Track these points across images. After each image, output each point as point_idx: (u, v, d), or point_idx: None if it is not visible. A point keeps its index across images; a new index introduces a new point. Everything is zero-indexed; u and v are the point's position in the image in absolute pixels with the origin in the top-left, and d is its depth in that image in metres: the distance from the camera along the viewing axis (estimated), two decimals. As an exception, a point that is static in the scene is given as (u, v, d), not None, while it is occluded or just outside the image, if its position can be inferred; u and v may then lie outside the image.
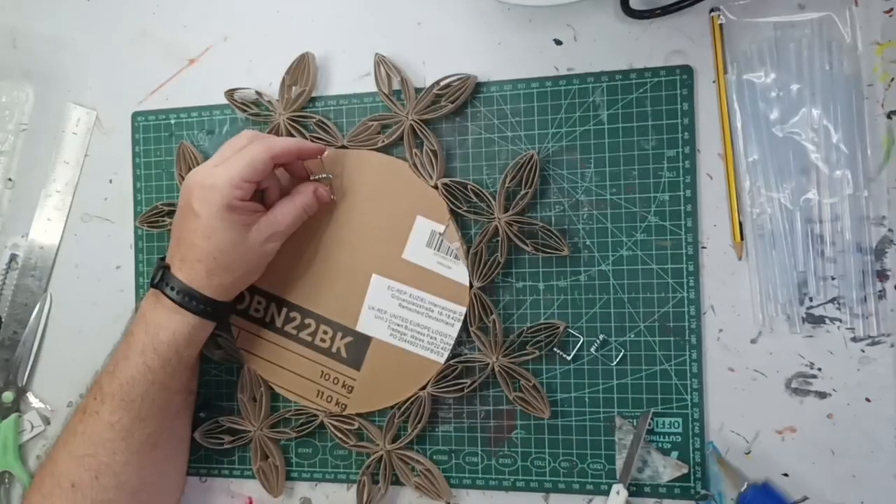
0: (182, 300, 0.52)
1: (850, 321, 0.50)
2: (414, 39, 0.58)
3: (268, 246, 0.54)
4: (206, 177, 0.52)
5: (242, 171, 0.51)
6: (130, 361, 0.53)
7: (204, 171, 0.52)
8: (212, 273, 0.52)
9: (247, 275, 0.54)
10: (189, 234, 0.52)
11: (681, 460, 0.53)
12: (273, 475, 0.59)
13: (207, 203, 0.51)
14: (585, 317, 0.55)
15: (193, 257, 0.52)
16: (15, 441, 0.65)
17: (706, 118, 0.53)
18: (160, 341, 0.52)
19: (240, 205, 0.51)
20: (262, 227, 0.53)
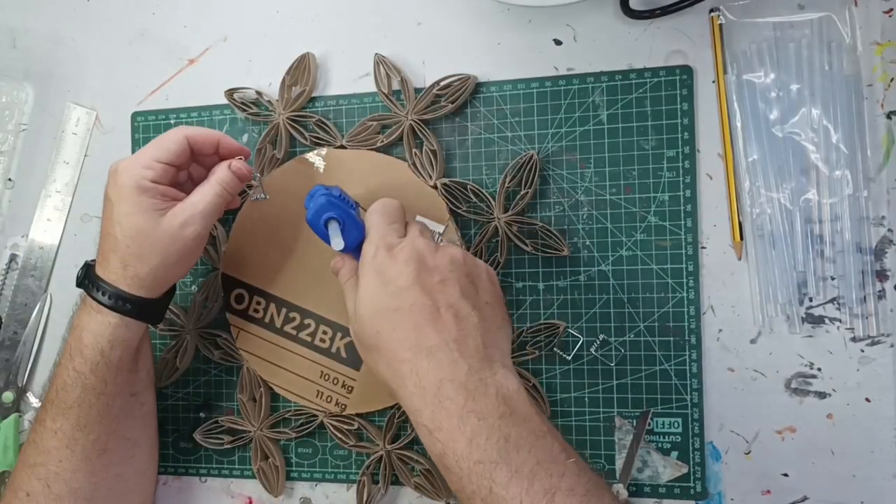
0: (101, 298, 0.51)
1: (849, 321, 0.50)
2: (414, 39, 0.58)
3: (186, 231, 0.50)
4: (120, 162, 0.51)
5: (153, 151, 0.50)
6: (62, 367, 0.52)
7: (119, 161, 0.51)
8: (127, 264, 0.50)
9: (165, 266, 0.51)
10: (105, 223, 0.51)
11: (680, 460, 0.53)
12: (273, 475, 0.59)
13: (119, 187, 0.50)
14: (585, 317, 0.55)
15: (108, 248, 0.51)
16: (15, 441, 0.65)
17: (706, 118, 0.53)
18: (84, 344, 0.51)
19: (150, 186, 0.50)
20: (177, 212, 0.50)
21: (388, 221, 0.48)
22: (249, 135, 0.61)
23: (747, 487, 0.52)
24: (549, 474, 0.39)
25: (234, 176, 0.52)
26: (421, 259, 0.45)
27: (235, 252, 0.60)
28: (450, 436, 0.40)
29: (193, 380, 0.62)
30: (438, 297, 0.44)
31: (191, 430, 0.61)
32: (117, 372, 0.53)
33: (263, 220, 0.59)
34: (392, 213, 0.49)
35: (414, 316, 0.43)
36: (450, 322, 0.43)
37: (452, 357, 0.42)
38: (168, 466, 0.63)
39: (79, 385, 0.52)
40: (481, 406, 0.41)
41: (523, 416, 0.41)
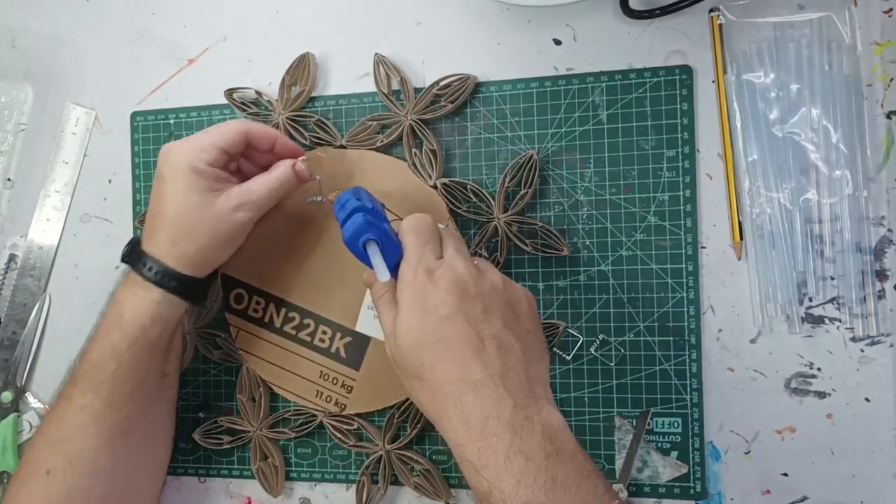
0: (147, 273, 0.51)
1: (849, 321, 0.50)
2: (413, 39, 0.58)
3: (237, 215, 0.51)
4: (178, 143, 0.51)
5: (212, 137, 0.51)
6: (98, 342, 0.52)
7: (173, 143, 0.52)
8: (175, 241, 0.50)
9: (213, 247, 0.51)
10: (156, 200, 0.51)
11: (680, 460, 0.53)
12: (272, 475, 0.59)
13: (174, 166, 0.50)
14: (585, 317, 0.55)
15: (158, 224, 0.51)
16: (14, 441, 0.65)
17: (706, 118, 0.53)
18: (124, 319, 0.51)
19: (206, 168, 0.50)
20: (232, 195, 0.51)
21: (424, 242, 0.46)
22: (249, 135, 0.61)
23: (747, 487, 0.52)
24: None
25: (295, 176, 0.53)
26: (463, 286, 0.43)
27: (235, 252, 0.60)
28: (497, 475, 0.40)
29: (193, 380, 0.62)
30: (482, 327, 0.42)
31: (190, 430, 0.61)
32: (153, 350, 0.53)
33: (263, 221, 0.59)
34: (426, 232, 0.47)
35: (458, 348, 0.42)
36: (494, 355, 0.42)
37: (498, 393, 0.41)
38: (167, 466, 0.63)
39: (114, 360, 0.51)
40: (528, 445, 0.40)
41: (569, 455, 0.40)
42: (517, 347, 0.43)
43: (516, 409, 0.41)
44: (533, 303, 0.46)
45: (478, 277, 0.44)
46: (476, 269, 0.45)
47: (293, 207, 0.58)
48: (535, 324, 0.46)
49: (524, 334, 0.44)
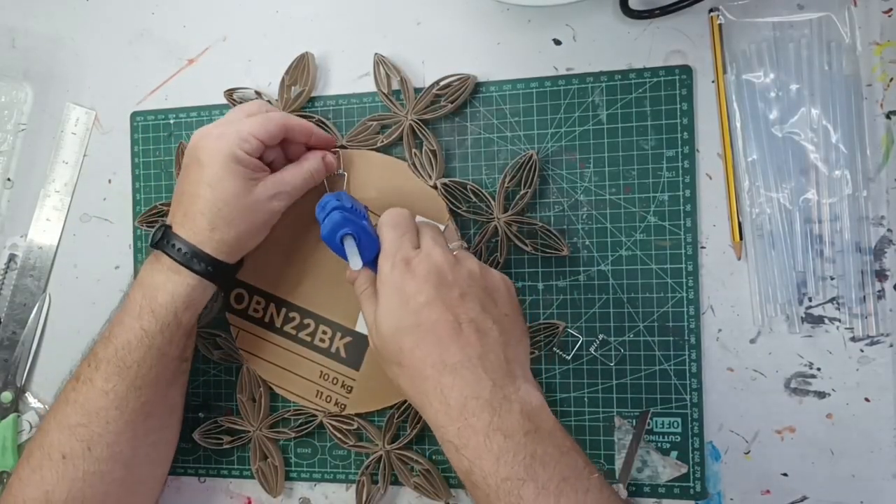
0: (183, 258, 0.51)
1: (849, 321, 0.51)
2: (413, 39, 0.58)
3: (273, 203, 0.52)
4: (215, 129, 0.52)
5: (253, 127, 0.51)
6: (126, 325, 0.52)
7: (211, 128, 0.52)
8: (214, 226, 0.51)
9: (249, 233, 0.52)
10: (193, 185, 0.51)
11: (680, 460, 0.53)
12: (272, 475, 0.59)
13: (213, 152, 0.50)
14: (585, 317, 0.55)
15: (196, 209, 0.51)
16: (14, 441, 0.65)
17: (705, 118, 0.53)
18: (158, 303, 0.51)
19: (246, 158, 0.51)
20: (268, 184, 0.52)
21: (401, 233, 0.48)
22: (249, 135, 0.61)
23: (747, 487, 0.52)
24: (574, 490, 0.40)
25: (325, 168, 0.55)
26: (440, 273, 0.45)
27: (235, 252, 0.60)
28: (476, 453, 0.41)
29: (193, 380, 0.62)
30: (459, 312, 0.44)
31: (190, 429, 0.61)
32: (184, 334, 0.53)
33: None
34: (403, 223, 0.48)
35: (436, 332, 0.43)
36: (472, 338, 0.43)
37: (476, 374, 0.42)
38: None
39: (144, 345, 0.51)
40: (506, 423, 0.41)
41: (548, 431, 0.42)
42: (495, 330, 0.44)
43: (495, 389, 0.42)
44: (511, 288, 0.47)
45: (455, 265, 0.46)
46: (453, 257, 0.46)
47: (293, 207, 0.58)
48: (513, 308, 0.47)
49: (501, 318, 0.45)
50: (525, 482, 0.40)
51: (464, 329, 0.43)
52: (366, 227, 0.49)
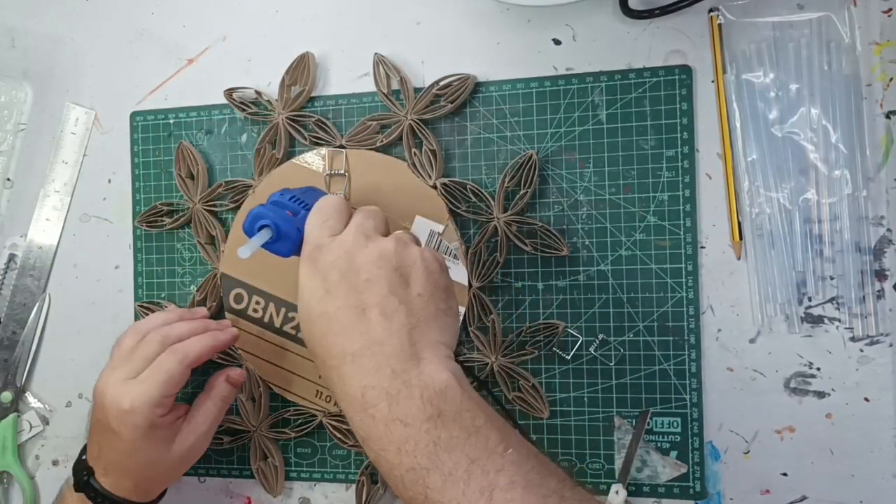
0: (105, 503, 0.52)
1: (848, 321, 0.51)
2: (413, 39, 0.58)
3: (194, 452, 0.54)
4: (122, 398, 0.50)
5: (161, 389, 0.50)
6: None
7: (118, 389, 0.51)
8: (139, 484, 0.53)
9: (174, 477, 0.56)
10: (110, 451, 0.52)
11: (679, 460, 0.53)
12: (272, 475, 0.59)
13: (129, 426, 0.50)
14: (584, 317, 0.55)
15: (118, 472, 0.52)
16: (14, 441, 0.65)
17: (705, 118, 0.53)
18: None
19: (162, 421, 0.51)
20: (184, 436, 0.53)
21: (322, 220, 0.46)
22: (248, 135, 0.61)
23: (746, 487, 0.52)
24: (485, 472, 0.37)
25: (234, 386, 0.56)
26: (348, 258, 0.43)
27: (235, 252, 0.60)
28: (380, 444, 0.39)
29: (193, 380, 0.62)
30: (365, 296, 0.42)
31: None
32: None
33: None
34: (327, 210, 0.46)
35: (340, 319, 0.41)
36: (375, 322, 0.41)
37: (375, 361, 0.40)
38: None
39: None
40: (406, 411, 0.39)
41: (453, 414, 0.39)
42: (401, 312, 0.42)
43: (394, 376, 0.40)
44: (432, 264, 0.44)
45: (365, 247, 0.44)
46: (366, 238, 0.44)
47: (293, 207, 0.58)
48: (431, 286, 0.44)
49: (412, 298, 0.43)
50: (429, 471, 0.37)
51: (368, 314, 0.41)
52: (289, 219, 0.47)
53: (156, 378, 0.50)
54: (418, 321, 0.42)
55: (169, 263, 0.63)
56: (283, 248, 0.47)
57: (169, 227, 0.62)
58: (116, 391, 0.51)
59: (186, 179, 0.62)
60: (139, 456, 0.51)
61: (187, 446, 0.53)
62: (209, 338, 0.54)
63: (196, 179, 0.61)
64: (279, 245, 0.47)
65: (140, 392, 0.50)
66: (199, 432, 0.54)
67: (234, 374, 0.56)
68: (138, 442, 0.51)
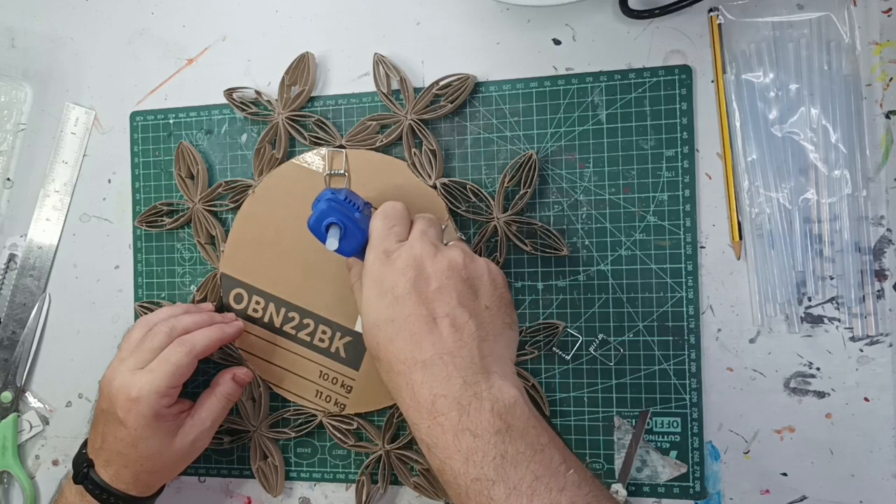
0: (104, 497, 0.53)
1: (848, 321, 0.51)
2: (413, 39, 0.58)
3: (196, 446, 0.54)
4: (130, 386, 0.51)
5: (168, 380, 0.51)
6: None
7: (125, 378, 0.52)
8: (138, 477, 0.53)
9: (173, 472, 0.55)
10: (114, 441, 0.52)
11: (679, 460, 0.53)
12: (272, 475, 0.59)
13: (134, 414, 0.51)
14: (584, 316, 0.55)
15: (120, 463, 0.52)
16: (14, 441, 0.65)
17: (705, 118, 0.53)
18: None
19: (168, 412, 0.52)
20: (188, 430, 0.54)
21: (389, 225, 0.47)
22: (248, 135, 0.61)
23: (746, 487, 0.52)
24: (548, 489, 0.38)
25: (239, 386, 0.56)
26: (419, 266, 0.43)
27: (235, 252, 0.60)
28: (446, 453, 0.40)
29: (192, 380, 0.62)
30: (435, 306, 0.42)
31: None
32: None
33: (263, 220, 0.59)
34: (393, 215, 0.47)
35: (410, 327, 0.42)
36: (446, 332, 0.42)
37: (447, 371, 0.41)
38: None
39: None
40: (476, 422, 0.40)
41: (521, 430, 0.40)
42: (471, 325, 0.42)
43: (465, 387, 0.40)
44: (497, 277, 0.45)
45: (435, 256, 0.44)
46: (434, 248, 0.45)
47: (292, 208, 0.58)
48: (497, 299, 0.45)
49: (481, 311, 0.43)
50: (495, 483, 0.38)
51: (438, 324, 0.42)
52: (355, 219, 0.48)
53: (163, 368, 0.51)
54: (487, 334, 0.43)
55: (169, 263, 0.63)
56: (348, 247, 0.47)
57: (169, 227, 0.62)
58: (124, 380, 0.52)
59: (186, 179, 0.62)
60: (142, 446, 0.52)
61: (189, 440, 0.53)
62: (215, 330, 0.55)
63: (196, 179, 0.61)
64: (344, 244, 0.47)
65: (147, 381, 0.51)
66: (202, 427, 0.54)
67: (241, 373, 0.56)
68: (143, 430, 0.51)
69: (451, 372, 0.41)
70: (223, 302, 0.60)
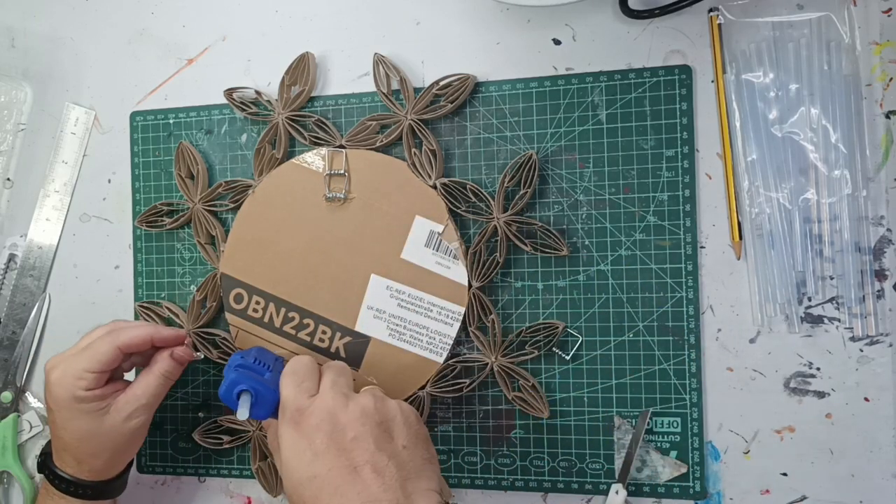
0: (63, 487, 0.54)
1: (848, 321, 0.51)
2: (413, 39, 0.58)
3: (131, 422, 0.54)
4: (55, 370, 0.53)
5: (86, 363, 0.52)
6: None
7: (55, 363, 0.53)
8: (80, 460, 0.54)
9: (117, 454, 0.55)
10: (52, 426, 0.54)
11: (679, 460, 0.53)
12: (272, 475, 0.59)
13: (55, 396, 0.52)
14: (584, 317, 0.55)
15: (60, 447, 0.54)
16: (14, 441, 0.65)
17: (705, 118, 0.53)
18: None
19: (87, 395, 0.52)
20: (120, 407, 0.53)
21: (298, 382, 0.47)
22: (248, 134, 0.61)
23: (746, 487, 0.52)
24: None
25: (177, 363, 0.55)
26: (332, 418, 0.44)
27: (234, 252, 0.60)
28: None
29: (192, 380, 0.62)
30: (355, 455, 0.43)
31: (189, 429, 0.61)
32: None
33: (263, 220, 0.59)
34: (301, 371, 0.48)
35: (333, 480, 0.42)
36: (369, 479, 0.42)
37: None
38: (167, 466, 0.63)
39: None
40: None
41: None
42: (391, 467, 0.43)
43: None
44: (410, 415, 0.46)
45: (346, 406, 0.45)
46: (345, 398, 0.45)
47: (292, 208, 0.58)
48: (413, 437, 0.45)
49: (399, 451, 0.44)
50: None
51: (360, 472, 0.42)
52: (264, 383, 0.48)
53: (84, 353, 0.53)
54: (409, 473, 0.43)
55: (169, 263, 0.63)
56: (261, 412, 0.48)
57: (169, 227, 0.62)
58: (53, 364, 0.53)
59: (186, 179, 0.62)
60: (71, 427, 0.53)
61: (122, 416, 0.53)
62: (147, 327, 0.55)
63: (196, 179, 0.61)
64: (256, 409, 0.48)
65: (67, 365, 0.53)
66: (137, 404, 0.53)
67: (180, 349, 0.56)
68: (64, 412, 0.52)
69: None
70: (223, 302, 0.60)
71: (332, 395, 0.45)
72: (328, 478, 0.42)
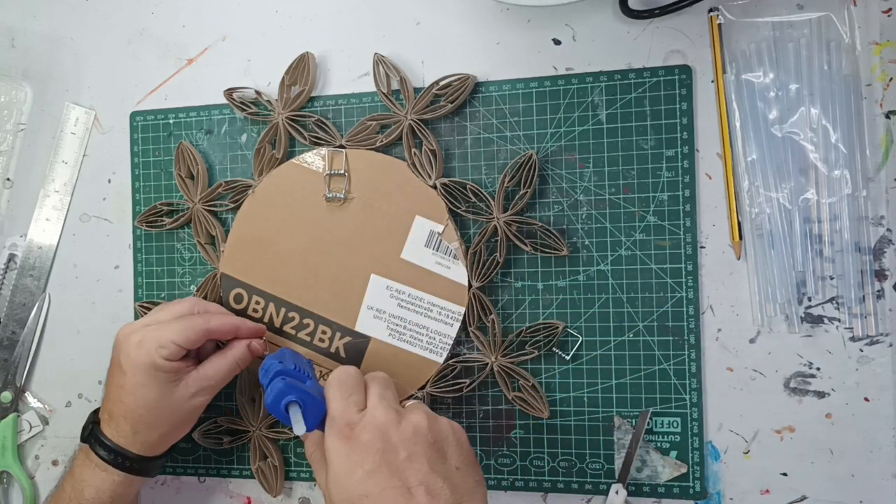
0: (108, 457, 0.54)
1: (848, 321, 0.51)
2: (413, 39, 0.58)
3: (196, 400, 0.54)
4: (135, 334, 0.53)
5: (174, 336, 0.52)
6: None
7: (134, 328, 0.53)
8: (137, 430, 0.53)
9: (174, 430, 0.55)
10: (116, 389, 0.53)
11: (679, 460, 0.53)
12: (272, 475, 0.59)
13: (133, 359, 0.52)
14: (584, 317, 0.55)
15: (119, 413, 0.53)
16: (13, 441, 0.65)
17: (705, 118, 0.53)
18: (84, 498, 0.54)
19: (165, 364, 0.52)
20: (190, 383, 0.53)
21: (346, 394, 0.46)
22: (248, 134, 0.61)
23: (746, 487, 0.52)
24: None
25: (251, 354, 0.55)
26: (384, 436, 0.43)
27: (234, 252, 0.60)
28: None
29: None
30: (408, 475, 0.42)
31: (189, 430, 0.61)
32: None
33: (263, 221, 0.59)
34: (349, 383, 0.47)
35: (385, 501, 0.41)
36: (423, 501, 0.41)
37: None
38: (167, 466, 0.63)
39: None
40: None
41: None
42: (446, 489, 0.42)
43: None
44: (461, 435, 0.46)
45: (399, 423, 0.44)
46: (397, 414, 0.45)
47: (292, 208, 0.58)
48: (465, 457, 0.45)
49: (452, 472, 0.43)
50: None
51: (414, 494, 0.41)
52: (309, 391, 0.46)
53: (172, 325, 0.52)
54: (462, 496, 0.43)
55: (169, 263, 0.63)
56: (311, 423, 0.46)
57: (169, 227, 0.62)
58: (132, 329, 0.53)
59: (186, 179, 0.62)
60: (140, 394, 0.52)
61: (190, 392, 0.53)
62: (235, 318, 0.56)
63: (196, 179, 0.61)
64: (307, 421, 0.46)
65: (152, 332, 0.52)
66: (206, 383, 0.53)
67: (257, 342, 0.56)
68: (140, 376, 0.52)
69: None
70: (223, 302, 0.60)
71: (383, 411, 0.44)
72: (380, 498, 0.41)
